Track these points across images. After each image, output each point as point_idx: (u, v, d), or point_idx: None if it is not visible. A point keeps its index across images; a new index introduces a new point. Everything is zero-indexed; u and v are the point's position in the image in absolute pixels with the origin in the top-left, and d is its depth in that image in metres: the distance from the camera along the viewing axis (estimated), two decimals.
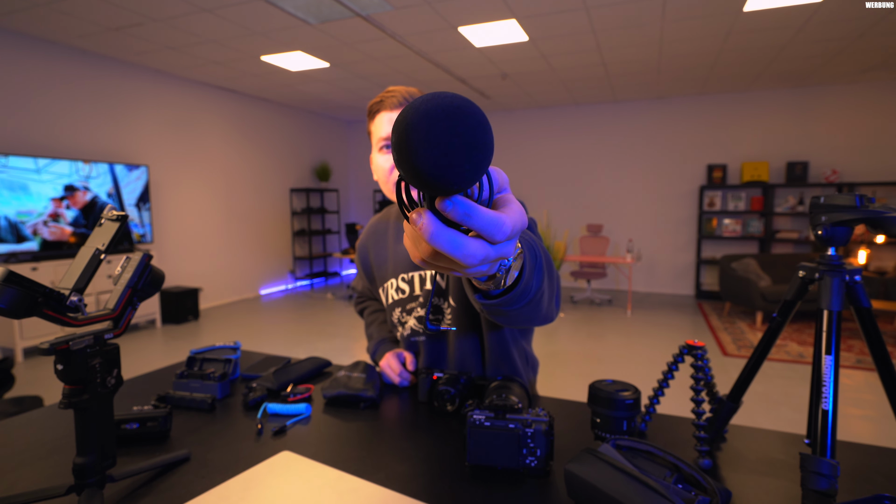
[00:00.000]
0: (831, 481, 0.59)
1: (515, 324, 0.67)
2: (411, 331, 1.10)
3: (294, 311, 5.95)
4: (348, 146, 8.85)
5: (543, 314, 0.69)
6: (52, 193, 4.26)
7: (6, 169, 3.93)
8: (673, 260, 6.95)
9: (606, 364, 3.93)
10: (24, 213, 4.05)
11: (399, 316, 1.13)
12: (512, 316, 0.61)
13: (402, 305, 1.11)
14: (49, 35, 4.21)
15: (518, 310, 0.58)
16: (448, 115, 0.30)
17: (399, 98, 0.94)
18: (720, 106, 6.50)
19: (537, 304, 0.62)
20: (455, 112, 0.31)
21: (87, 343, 0.65)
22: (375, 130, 1.00)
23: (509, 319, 0.63)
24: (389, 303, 1.15)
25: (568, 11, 3.75)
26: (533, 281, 0.56)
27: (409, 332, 1.11)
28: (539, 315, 0.67)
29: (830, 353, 0.64)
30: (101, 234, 0.69)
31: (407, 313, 1.10)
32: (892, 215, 0.64)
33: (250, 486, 0.71)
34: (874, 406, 3.07)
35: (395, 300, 1.13)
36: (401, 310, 1.12)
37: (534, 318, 0.67)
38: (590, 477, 0.61)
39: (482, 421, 0.72)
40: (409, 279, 1.09)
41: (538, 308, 0.64)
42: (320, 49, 4.62)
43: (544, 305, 0.67)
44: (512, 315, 0.60)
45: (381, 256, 1.16)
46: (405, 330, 1.12)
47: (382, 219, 1.19)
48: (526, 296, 0.56)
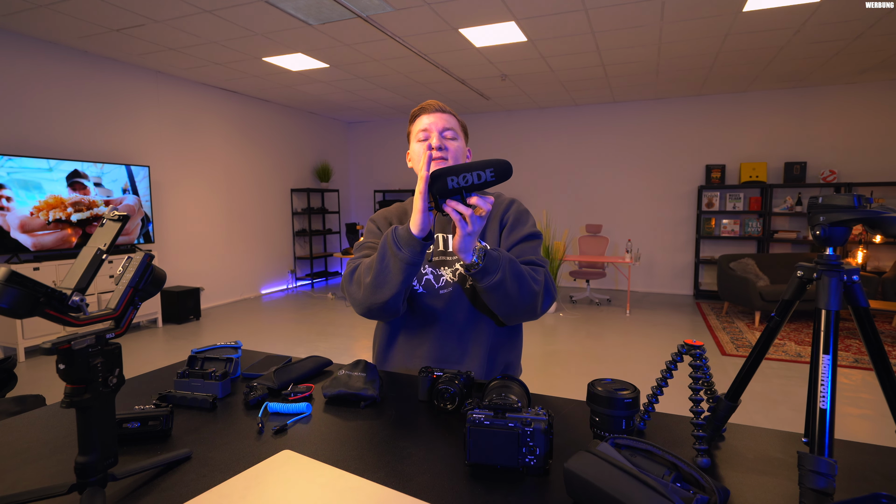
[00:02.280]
0: (829, 480, 0.60)
1: (496, 302, 1.06)
2: (444, 283, 1.23)
3: (295, 310, 5.96)
4: (349, 147, 8.85)
5: (518, 304, 1.06)
6: (61, 194, 4.27)
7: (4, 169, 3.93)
8: (672, 260, 6.96)
9: (605, 363, 3.93)
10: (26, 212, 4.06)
11: (422, 269, 1.24)
12: (488, 291, 1.03)
13: (427, 259, 1.25)
14: (51, 36, 4.21)
15: (487, 287, 1.02)
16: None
17: (435, 106, 1.24)
18: (719, 106, 6.51)
19: (502, 288, 1.02)
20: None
21: (89, 343, 0.65)
22: (416, 127, 1.24)
23: (488, 296, 1.05)
24: None
25: (567, 13, 3.75)
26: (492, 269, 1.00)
27: (441, 283, 1.23)
28: (513, 303, 1.06)
29: (828, 352, 0.65)
30: (102, 234, 0.69)
31: (430, 265, 1.25)
32: (889, 215, 0.64)
33: (251, 485, 0.71)
34: (872, 405, 3.08)
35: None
36: (425, 262, 1.24)
37: (510, 304, 1.06)
38: (589, 475, 0.61)
39: (482, 420, 0.73)
40: (435, 238, 1.27)
41: (506, 294, 1.03)
42: (321, 50, 4.62)
43: (513, 296, 1.04)
44: (488, 290, 1.03)
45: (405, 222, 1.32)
46: (422, 283, 1.24)
47: (397, 205, 1.39)
48: (487, 275, 1.00)
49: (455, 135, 1.23)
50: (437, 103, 1.24)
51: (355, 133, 8.80)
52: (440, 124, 1.21)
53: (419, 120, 1.24)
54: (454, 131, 1.22)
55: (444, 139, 1.21)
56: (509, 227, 1.24)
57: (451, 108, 1.26)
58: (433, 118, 1.22)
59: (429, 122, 1.21)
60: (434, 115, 1.22)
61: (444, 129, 1.21)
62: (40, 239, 4.17)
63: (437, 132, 1.20)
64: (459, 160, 1.23)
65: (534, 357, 4.08)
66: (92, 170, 4.54)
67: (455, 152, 1.21)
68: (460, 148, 1.24)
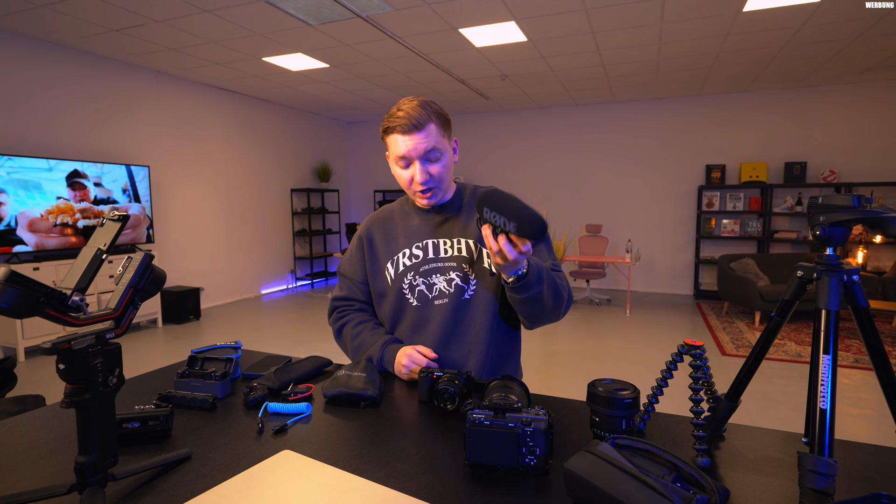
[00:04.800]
0: (829, 480, 0.60)
1: (529, 312, 1.06)
2: (438, 292, 1.19)
3: (295, 310, 5.96)
4: (349, 147, 8.86)
5: (550, 312, 1.08)
6: (61, 193, 4.28)
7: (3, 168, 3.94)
8: (672, 260, 6.95)
9: (605, 363, 3.93)
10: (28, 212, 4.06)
11: (411, 280, 1.21)
12: (524, 303, 1.02)
13: (416, 269, 1.21)
14: (51, 36, 4.21)
15: (525, 299, 1.01)
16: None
17: (407, 124, 1.09)
18: (719, 106, 6.51)
19: (539, 300, 1.03)
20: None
21: (89, 342, 0.65)
22: (392, 148, 1.13)
23: (523, 306, 1.04)
24: (399, 272, 1.23)
25: (567, 13, 3.75)
26: (534, 283, 1.00)
27: (435, 293, 1.20)
28: (545, 312, 1.07)
29: (828, 352, 0.65)
30: (102, 234, 0.69)
31: (420, 276, 1.21)
32: (889, 215, 0.64)
33: (251, 485, 0.71)
34: (872, 405, 3.08)
35: (406, 266, 1.23)
36: (413, 273, 1.21)
37: (542, 313, 1.07)
38: (589, 475, 0.61)
39: (482, 420, 0.73)
40: (424, 245, 1.23)
41: (541, 304, 1.04)
42: (321, 50, 4.62)
43: (548, 306, 1.06)
44: (524, 301, 1.02)
45: (391, 233, 1.28)
46: (415, 296, 1.21)
47: (384, 210, 1.34)
48: (527, 290, 0.99)
49: (438, 153, 1.11)
50: (410, 118, 1.07)
51: (355, 133, 8.80)
52: (420, 148, 1.09)
53: (393, 138, 1.11)
54: (437, 149, 1.11)
55: (427, 164, 1.12)
56: None
57: (424, 109, 1.09)
58: (408, 141, 1.08)
59: (406, 149, 1.09)
60: (409, 136, 1.08)
61: (427, 153, 1.10)
62: (44, 241, 4.20)
63: (418, 160, 1.10)
64: (448, 178, 1.18)
65: (534, 357, 4.08)
66: (92, 170, 4.54)
67: (442, 173, 1.14)
68: (447, 164, 1.15)
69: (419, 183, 1.12)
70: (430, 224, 1.24)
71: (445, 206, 1.24)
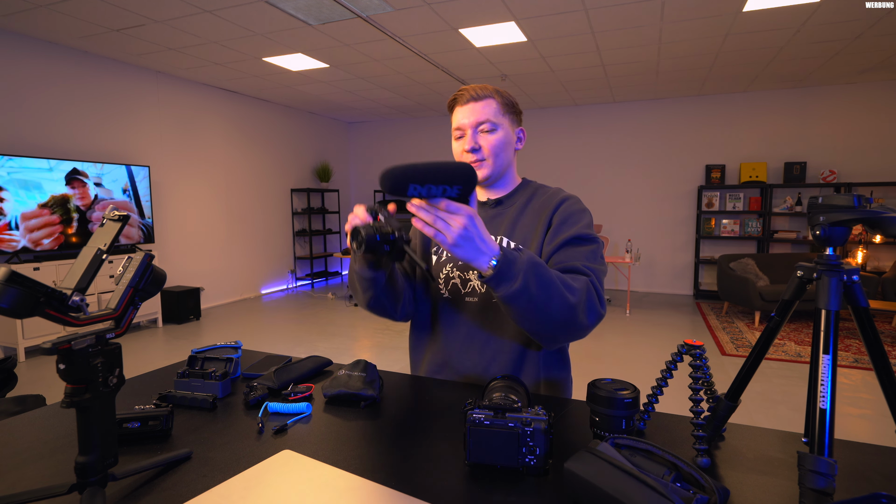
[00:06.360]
0: (829, 480, 0.60)
1: (518, 318, 0.88)
2: (471, 289, 1.14)
3: (295, 310, 5.96)
4: (349, 147, 8.85)
5: (550, 322, 0.87)
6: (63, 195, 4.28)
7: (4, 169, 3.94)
8: (671, 260, 6.95)
9: (605, 363, 3.93)
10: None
11: (448, 272, 1.17)
12: (505, 304, 0.86)
13: (455, 261, 1.16)
14: (51, 36, 4.21)
15: (503, 298, 0.84)
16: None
17: (468, 95, 1.11)
18: (718, 106, 6.51)
19: (524, 300, 0.84)
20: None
21: (89, 342, 0.65)
22: (453, 121, 1.14)
23: (508, 310, 0.88)
24: (441, 260, 1.19)
25: (567, 13, 3.75)
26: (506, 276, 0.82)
27: (468, 290, 1.14)
28: (542, 320, 0.87)
29: (828, 352, 0.65)
30: (102, 234, 0.69)
31: (458, 269, 1.15)
32: (889, 215, 0.64)
33: (251, 485, 0.71)
34: (872, 405, 3.08)
35: (448, 256, 1.17)
36: (452, 266, 1.16)
37: (537, 321, 0.87)
38: (589, 475, 0.61)
39: (482, 420, 0.73)
40: None
41: (532, 307, 0.85)
42: (321, 50, 4.62)
43: (542, 310, 0.86)
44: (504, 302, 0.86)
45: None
46: (448, 288, 1.16)
47: None
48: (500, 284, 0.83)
49: (493, 126, 1.09)
50: (472, 90, 1.10)
51: (355, 133, 8.80)
52: (473, 118, 1.09)
53: (454, 113, 1.14)
54: (492, 122, 1.09)
55: (478, 134, 1.10)
56: (554, 229, 1.06)
57: (489, 87, 1.11)
58: (465, 111, 1.10)
59: (462, 118, 1.10)
60: (466, 106, 1.10)
61: (479, 123, 1.09)
62: (44, 240, 4.19)
63: (471, 129, 1.09)
64: (500, 156, 1.11)
65: None
66: (92, 170, 4.54)
67: (493, 148, 1.09)
68: (501, 140, 1.10)
69: (466, 151, 1.09)
70: (481, 217, 1.20)
71: (503, 200, 1.17)
